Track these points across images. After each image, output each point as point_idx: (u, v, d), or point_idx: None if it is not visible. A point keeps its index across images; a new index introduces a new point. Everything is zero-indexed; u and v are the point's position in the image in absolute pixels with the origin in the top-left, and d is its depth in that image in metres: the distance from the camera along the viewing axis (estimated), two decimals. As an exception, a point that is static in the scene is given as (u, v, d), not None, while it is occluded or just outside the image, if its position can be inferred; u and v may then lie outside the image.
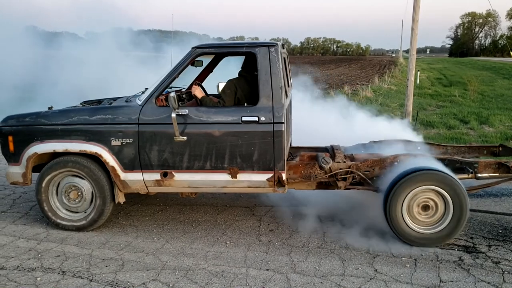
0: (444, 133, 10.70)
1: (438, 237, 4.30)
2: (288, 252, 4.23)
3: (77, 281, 3.72)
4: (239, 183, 4.47)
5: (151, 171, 4.53)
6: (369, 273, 3.81)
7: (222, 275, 3.81)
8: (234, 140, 4.34)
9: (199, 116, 4.39)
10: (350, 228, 4.67)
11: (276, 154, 4.34)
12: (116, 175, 4.56)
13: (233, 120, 4.34)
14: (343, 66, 43.52)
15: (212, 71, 5.91)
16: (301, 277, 3.76)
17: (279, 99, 4.31)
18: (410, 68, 12.52)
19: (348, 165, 4.64)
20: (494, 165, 4.68)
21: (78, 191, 4.69)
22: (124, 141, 4.48)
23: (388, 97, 17.49)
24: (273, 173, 4.39)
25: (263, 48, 4.39)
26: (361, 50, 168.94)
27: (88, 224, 4.72)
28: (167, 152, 4.45)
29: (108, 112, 4.57)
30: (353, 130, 6.59)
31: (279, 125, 4.29)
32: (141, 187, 4.63)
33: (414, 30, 12.30)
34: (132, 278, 3.76)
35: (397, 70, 36.64)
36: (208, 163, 4.43)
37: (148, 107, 4.48)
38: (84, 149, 4.54)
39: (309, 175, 4.68)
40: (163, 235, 4.65)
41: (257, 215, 5.19)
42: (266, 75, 4.34)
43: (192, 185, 4.56)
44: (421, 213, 4.34)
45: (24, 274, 3.84)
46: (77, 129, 4.55)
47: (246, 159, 4.38)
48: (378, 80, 24.25)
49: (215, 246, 4.39)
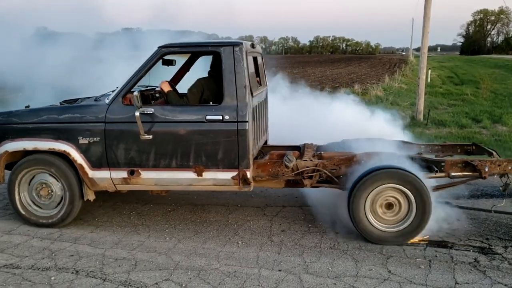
0: (456, 132, 10.61)
1: (401, 235, 4.32)
2: (301, 252, 4.21)
3: (90, 280, 3.73)
4: (204, 181, 4.53)
5: (118, 169, 4.61)
6: (383, 274, 3.78)
7: (234, 275, 3.80)
8: (199, 139, 4.41)
9: (164, 115, 4.46)
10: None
11: (241, 152, 4.39)
12: (84, 173, 4.64)
13: (197, 119, 4.41)
14: (353, 65, 43.31)
15: (188, 70, 5.96)
16: (314, 278, 3.73)
17: (243, 98, 4.36)
18: (422, 66, 12.44)
19: (315, 164, 4.66)
20: (461, 163, 4.62)
21: (48, 189, 4.78)
22: (91, 139, 4.56)
23: (398, 96, 17.40)
24: (237, 171, 4.44)
25: (227, 48, 4.43)
26: (371, 49, 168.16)
27: (58, 221, 4.80)
28: (133, 151, 4.53)
29: (76, 111, 4.67)
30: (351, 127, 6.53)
31: (243, 123, 4.34)
32: (109, 185, 4.71)
33: (425, 28, 12.21)
34: (145, 278, 3.76)
35: (408, 69, 36.41)
36: (174, 161, 4.50)
37: (114, 106, 4.57)
38: (53, 147, 4.63)
39: (277, 173, 4.70)
40: (175, 234, 4.66)
41: (269, 215, 5.17)
42: (231, 74, 4.39)
43: (159, 183, 4.63)
44: (385, 212, 4.38)
45: (39, 273, 3.86)
46: (46, 127, 4.65)
47: (211, 157, 4.44)
48: (388, 78, 24.11)
49: (227, 246, 4.38)
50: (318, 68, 37.61)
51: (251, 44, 5.00)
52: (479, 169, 4.50)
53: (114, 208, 5.47)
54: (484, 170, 4.48)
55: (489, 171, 4.50)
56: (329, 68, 38.40)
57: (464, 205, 5.44)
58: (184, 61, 5.95)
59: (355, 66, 41.68)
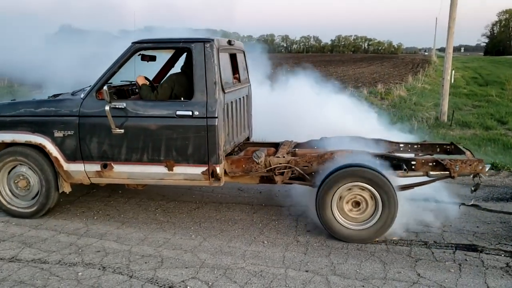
0: (481, 134, 10.41)
1: (368, 234, 4.34)
2: (327, 253, 4.16)
3: (117, 277, 3.75)
4: (175, 175, 4.59)
5: (91, 162, 4.71)
6: (412, 277, 3.71)
7: (261, 275, 3.78)
8: (169, 134, 4.48)
9: (136, 110, 4.53)
10: (390, 231, 4.56)
11: (210, 148, 4.44)
12: (59, 165, 4.75)
13: (168, 114, 4.47)
14: (375, 64, 42.87)
15: (173, 66, 5.99)
16: (341, 279, 3.69)
17: (213, 94, 4.40)
18: (446, 67, 12.24)
19: (287, 160, 4.68)
20: (432, 162, 4.55)
21: (26, 180, 4.93)
22: (66, 132, 4.68)
23: (422, 97, 17.15)
24: (207, 166, 4.49)
25: (198, 44, 4.47)
26: (393, 48, 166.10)
27: (35, 212, 4.94)
28: (106, 144, 4.63)
29: (52, 104, 4.79)
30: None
31: (213, 119, 4.39)
32: (83, 178, 4.81)
33: (450, 28, 12.01)
34: (171, 275, 3.77)
35: (431, 69, 35.91)
36: (145, 155, 4.58)
37: (88, 100, 4.65)
38: (29, 140, 4.76)
39: (250, 169, 4.73)
40: (200, 232, 4.65)
41: (294, 214, 5.13)
42: (201, 70, 4.43)
43: (131, 176, 4.72)
44: (352, 210, 4.40)
45: (66, 268, 3.89)
46: (23, 120, 4.79)
47: (181, 152, 4.50)
48: (411, 78, 23.81)
49: (253, 245, 4.36)
50: (340, 67, 37.31)
51: (228, 41, 5.05)
52: (448, 168, 4.46)
53: (140, 204, 5.49)
54: (454, 170, 4.46)
55: (459, 171, 4.48)
56: (352, 67, 38.06)
57: (493, 208, 5.33)
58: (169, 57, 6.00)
59: (377, 65, 41.24)
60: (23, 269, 3.87)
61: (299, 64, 25.62)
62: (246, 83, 5.87)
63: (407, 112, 13.11)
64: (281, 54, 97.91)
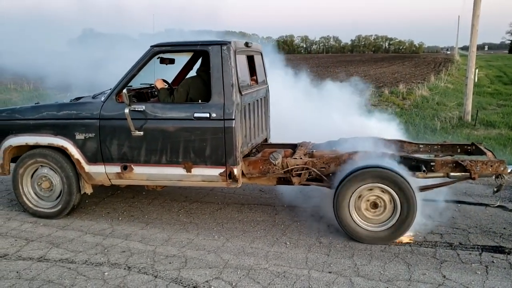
0: (506, 134, 10.25)
1: (386, 236, 4.31)
2: (351, 255, 4.15)
3: (142, 277, 3.80)
4: (193, 177, 4.63)
5: (112, 164, 4.78)
6: (437, 279, 3.67)
7: (284, 276, 3.78)
8: (187, 136, 4.52)
9: (154, 112, 4.59)
10: (414, 232, 4.53)
11: (227, 149, 4.46)
12: (81, 167, 4.85)
13: (186, 116, 4.51)
14: (397, 64, 42.43)
15: (192, 68, 6.04)
16: (365, 281, 3.67)
17: (230, 96, 4.42)
18: (470, 65, 12.07)
19: (304, 162, 4.67)
20: (451, 163, 4.47)
21: (49, 182, 5.02)
22: (87, 135, 4.76)
23: (445, 96, 16.94)
24: (225, 168, 4.51)
25: (215, 47, 4.50)
26: (414, 48, 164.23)
27: (57, 213, 5.06)
28: (126, 146, 4.70)
29: (73, 108, 4.87)
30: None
31: (230, 121, 4.41)
32: (104, 179, 4.90)
33: (474, 26, 11.85)
34: (195, 275, 3.80)
35: (454, 68, 35.40)
36: (164, 157, 4.63)
37: (109, 103, 4.73)
38: (52, 142, 4.86)
39: (267, 170, 4.73)
40: (223, 233, 4.69)
41: (316, 215, 5.12)
42: (218, 72, 4.45)
43: (150, 178, 4.78)
44: (370, 211, 4.37)
45: (92, 268, 3.96)
46: (46, 123, 4.90)
47: (199, 154, 4.53)
48: (434, 78, 23.51)
49: (275, 246, 4.37)
50: (360, 67, 37.05)
51: (245, 43, 5.07)
52: (468, 169, 4.38)
53: (163, 205, 5.56)
54: (474, 171, 4.38)
55: (480, 172, 4.40)
56: (372, 67, 37.75)
57: (520, 210, 5.23)
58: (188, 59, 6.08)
59: (398, 65, 40.82)
60: (51, 268, 3.95)
61: (318, 65, 25.53)
62: (264, 85, 5.90)
63: (429, 112, 12.96)
64: (300, 54, 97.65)
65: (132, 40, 14.89)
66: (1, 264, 4.03)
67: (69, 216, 5.15)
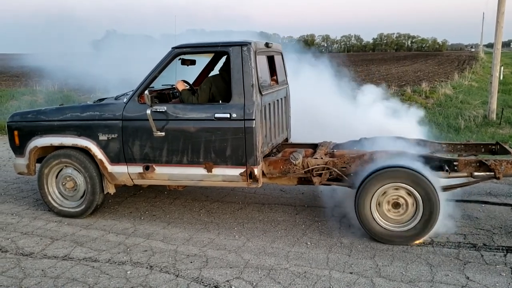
0: (533, 133, 9.99)
1: (408, 236, 4.27)
2: (372, 255, 4.12)
3: (164, 276, 3.84)
4: (214, 177, 4.66)
5: (134, 164, 4.85)
6: (461, 280, 3.62)
7: (304, 276, 3.78)
8: (208, 136, 4.56)
9: (176, 113, 4.65)
10: (436, 233, 4.46)
11: (248, 149, 4.48)
12: (104, 167, 4.93)
13: (206, 116, 4.55)
14: (419, 62, 41.87)
15: (213, 69, 6.08)
16: (387, 282, 3.64)
17: (251, 96, 4.44)
18: (495, 63, 11.82)
19: (325, 161, 4.65)
20: (475, 163, 4.39)
21: (73, 182, 5.13)
22: (110, 136, 4.84)
23: (469, 94, 16.64)
24: (245, 168, 4.53)
25: (236, 48, 4.53)
26: (438, 45, 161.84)
27: (81, 212, 5.15)
28: (148, 147, 4.76)
29: (96, 109, 4.96)
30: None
31: (250, 121, 4.43)
32: (126, 179, 4.97)
33: (499, 23, 11.60)
34: (216, 275, 3.83)
35: (478, 66, 34.74)
36: (185, 157, 4.67)
37: (131, 105, 4.80)
38: (76, 143, 4.96)
39: (288, 170, 4.72)
40: (244, 233, 4.70)
41: (337, 216, 5.09)
42: (238, 73, 4.48)
43: (172, 178, 4.84)
44: (391, 211, 4.33)
45: (115, 267, 4.02)
46: (70, 124, 5.00)
47: (219, 154, 4.57)
48: (458, 76, 23.11)
49: (296, 246, 4.36)
50: (382, 66, 36.68)
51: (266, 44, 5.09)
52: (493, 168, 4.31)
53: (185, 205, 5.61)
54: (499, 170, 4.30)
55: (505, 172, 4.32)
56: (394, 66, 37.33)
57: (547, 210, 5.11)
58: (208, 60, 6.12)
59: (421, 63, 40.26)
60: (75, 267, 4.03)
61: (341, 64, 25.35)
62: (284, 85, 5.90)
63: (453, 110, 12.74)
64: (321, 54, 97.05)
65: (154, 40, 15.06)
66: (27, 263, 4.13)
67: (92, 215, 5.23)
